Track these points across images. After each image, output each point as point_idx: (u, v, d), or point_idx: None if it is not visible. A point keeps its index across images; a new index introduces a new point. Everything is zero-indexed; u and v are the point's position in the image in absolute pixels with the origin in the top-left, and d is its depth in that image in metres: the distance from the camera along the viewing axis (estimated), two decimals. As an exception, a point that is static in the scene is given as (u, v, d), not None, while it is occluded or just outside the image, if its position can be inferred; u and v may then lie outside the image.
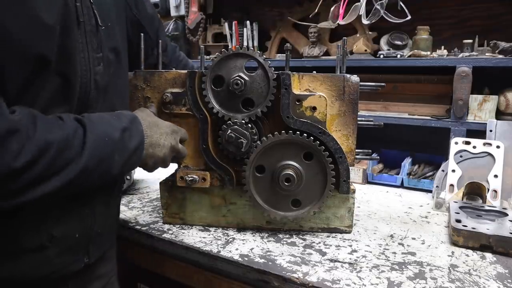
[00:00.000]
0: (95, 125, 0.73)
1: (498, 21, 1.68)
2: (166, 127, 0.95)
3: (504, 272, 0.92)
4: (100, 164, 0.73)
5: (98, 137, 0.72)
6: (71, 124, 0.70)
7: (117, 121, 0.79)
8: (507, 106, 1.51)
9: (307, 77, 1.06)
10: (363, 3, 1.53)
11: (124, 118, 0.81)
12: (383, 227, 1.19)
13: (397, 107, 1.75)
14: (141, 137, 0.84)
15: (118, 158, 0.77)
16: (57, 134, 0.66)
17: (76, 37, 0.74)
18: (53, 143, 0.65)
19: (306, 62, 1.86)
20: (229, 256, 0.99)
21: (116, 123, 0.78)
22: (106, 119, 0.77)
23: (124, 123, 0.79)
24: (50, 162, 0.65)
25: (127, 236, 1.18)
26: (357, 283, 0.87)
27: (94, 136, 0.72)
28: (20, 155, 0.60)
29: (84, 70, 0.76)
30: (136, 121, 0.84)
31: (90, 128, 0.72)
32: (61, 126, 0.68)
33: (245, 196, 1.09)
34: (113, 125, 0.77)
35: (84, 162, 0.69)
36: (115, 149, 0.76)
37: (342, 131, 1.07)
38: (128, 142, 0.79)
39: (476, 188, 1.30)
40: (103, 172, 0.75)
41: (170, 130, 0.96)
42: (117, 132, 0.76)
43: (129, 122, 0.81)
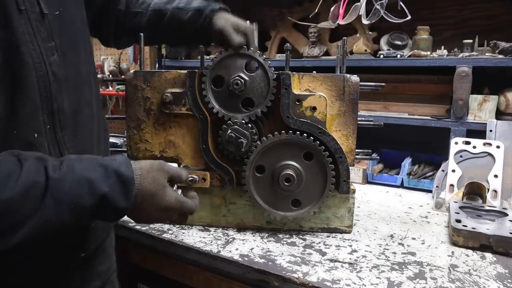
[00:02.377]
0: (65, 184, 0.62)
1: (498, 21, 1.68)
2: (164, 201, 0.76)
3: (504, 272, 0.92)
4: (57, 228, 0.64)
5: (62, 202, 0.62)
6: (25, 182, 0.59)
7: (101, 181, 0.66)
8: (507, 106, 1.51)
9: (307, 77, 1.06)
10: (363, 3, 1.53)
11: (115, 177, 0.68)
12: (383, 227, 1.19)
13: (397, 107, 1.75)
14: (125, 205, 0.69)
15: (87, 220, 0.68)
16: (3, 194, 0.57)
17: (18, 27, 0.67)
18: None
19: (306, 62, 1.86)
20: (229, 256, 0.99)
21: (99, 183, 0.65)
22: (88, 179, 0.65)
23: (108, 186, 0.66)
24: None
25: (127, 236, 1.18)
26: (357, 283, 0.87)
27: (56, 200, 0.61)
28: None
29: (38, 63, 0.70)
30: (130, 186, 0.69)
31: (54, 190, 0.61)
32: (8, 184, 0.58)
33: (245, 196, 1.09)
34: (93, 188, 0.65)
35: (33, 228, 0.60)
36: (83, 214, 0.65)
37: (342, 131, 1.07)
38: (103, 207, 0.66)
39: (476, 188, 1.30)
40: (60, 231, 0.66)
41: (166, 206, 0.77)
42: (94, 196, 0.65)
43: (119, 183, 0.68)
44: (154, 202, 0.75)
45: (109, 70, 2.74)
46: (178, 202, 0.79)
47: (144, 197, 0.73)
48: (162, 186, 0.76)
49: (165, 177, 0.78)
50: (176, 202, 0.79)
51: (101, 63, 2.84)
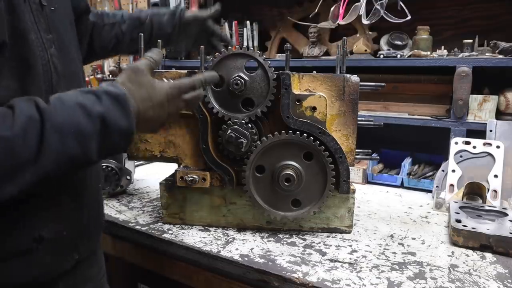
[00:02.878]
0: (59, 113, 0.60)
1: (498, 21, 1.68)
2: (161, 96, 0.76)
3: (504, 272, 0.92)
4: (69, 162, 0.62)
5: (61, 130, 0.60)
6: (22, 120, 0.57)
7: (95, 104, 0.64)
8: (507, 106, 1.51)
9: (307, 77, 1.06)
10: (363, 3, 1.53)
11: (106, 98, 0.66)
12: (383, 227, 1.19)
13: (397, 107, 1.75)
14: (129, 121, 0.67)
15: (97, 148, 0.64)
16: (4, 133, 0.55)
17: (25, 15, 0.67)
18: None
19: (306, 62, 1.86)
20: (229, 256, 0.99)
21: (93, 107, 0.63)
22: (79, 103, 0.63)
23: (104, 106, 0.64)
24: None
25: (127, 236, 1.18)
26: (357, 283, 0.87)
27: (55, 131, 0.59)
28: None
29: (41, 51, 0.70)
30: (124, 100, 0.67)
31: (50, 120, 0.59)
32: (6, 125, 0.56)
33: (245, 196, 1.09)
34: (88, 111, 0.63)
35: (43, 167, 0.59)
36: (89, 141, 0.63)
37: (342, 131, 1.07)
38: (110, 128, 0.65)
39: (476, 188, 1.30)
40: (76, 167, 0.65)
41: (166, 98, 0.77)
42: (93, 119, 0.63)
43: (113, 103, 0.66)
44: (153, 103, 0.74)
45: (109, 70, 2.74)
46: (173, 86, 0.78)
47: (143, 104, 0.72)
48: (150, 84, 0.75)
49: (146, 74, 0.76)
50: (171, 87, 0.78)
51: (101, 63, 2.84)
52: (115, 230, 1.20)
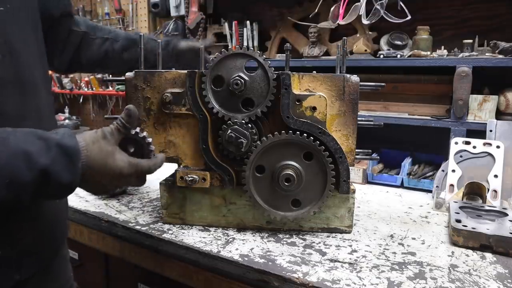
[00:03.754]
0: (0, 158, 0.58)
1: (498, 21, 1.68)
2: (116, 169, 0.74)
3: (504, 272, 0.92)
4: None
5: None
6: None
7: (42, 154, 0.62)
8: (507, 106, 1.51)
9: (307, 77, 1.06)
10: (363, 3, 1.53)
11: (56, 150, 0.63)
12: (383, 227, 1.19)
13: (397, 107, 1.75)
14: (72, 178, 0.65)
15: (30, 197, 0.63)
16: None
17: None
18: None
19: (306, 62, 1.86)
20: (229, 256, 0.99)
21: (38, 156, 0.61)
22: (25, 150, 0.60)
23: (49, 158, 0.62)
24: None
25: (127, 236, 1.18)
26: (357, 283, 0.87)
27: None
28: None
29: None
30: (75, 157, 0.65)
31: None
32: None
33: (245, 196, 1.09)
34: (32, 160, 0.60)
35: None
36: (21, 189, 0.60)
37: (342, 131, 1.07)
38: (46, 183, 0.62)
39: (476, 188, 1.30)
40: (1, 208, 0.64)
41: (119, 173, 0.75)
42: (33, 171, 0.60)
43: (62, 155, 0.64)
44: (106, 171, 0.72)
45: (109, 70, 2.74)
46: (131, 165, 0.76)
47: (94, 168, 0.69)
48: (111, 154, 0.73)
49: (112, 143, 0.75)
50: (129, 166, 0.76)
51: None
52: (115, 230, 1.20)
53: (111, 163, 0.72)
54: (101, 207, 1.32)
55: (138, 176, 0.80)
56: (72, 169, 0.65)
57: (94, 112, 2.99)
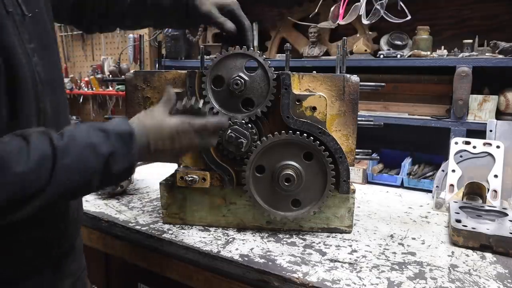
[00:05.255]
0: (71, 154, 0.66)
1: (498, 21, 1.68)
2: (171, 129, 0.80)
3: (504, 272, 0.92)
4: (71, 194, 0.69)
5: (70, 169, 0.65)
6: (36, 154, 0.62)
7: (104, 142, 0.70)
8: (507, 106, 1.51)
9: (307, 77, 1.06)
10: (363, 3, 1.53)
11: (115, 136, 0.71)
12: (383, 227, 1.19)
13: (397, 107, 1.75)
14: (131, 160, 0.73)
15: (98, 182, 0.71)
16: (10, 175, 0.60)
17: (9, 28, 0.68)
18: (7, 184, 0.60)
19: (306, 62, 1.86)
20: (229, 256, 0.99)
21: (100, 146, 0.69)
22: (90, 143, 0.69)
23: (111, 146, 0.70)
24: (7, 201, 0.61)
25: (127, 236, 1.18)
26: (357, 283, 0.87)
27: (65, 169, 0.65)
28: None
29: (26, 63, 0.72)
30: (130, 139, 0.73)
31: (62, 159, 0.64)
32: (21, 159, 0.61)
33: (245, 196, 1.09)
34: (96, 150, 0.68)
35: (48, 196, 0.64)
36: (92, 177, 0.69)
37: (342, 131, 1.07)
38: (112, 167, 0.70)
39: (476, 188, 1.30)
40: (77, 195, 0.74)
41: (176, 131, 0.81)
42: (99, 159, 0.68)
43: (120, 141, 0.72)
44: (162, 135, 0.78)
45: (109, 70, 2.74)
46: (184, 122, 0.82)
47: (150, 135, 0.77)
48: (163, 117, 0.81)
49: (162, 111, 0.82)
50: (182, 122, 0.81)
51: (101, 63, 2.84)
52: (115, 230, 1.20)
53: (165, 124, 0.80)
54: (101, 207, 1.32)
55: (197, 132, 0.83)
56: (130, 151, 0.73)
57: (94, 112, 2.99)
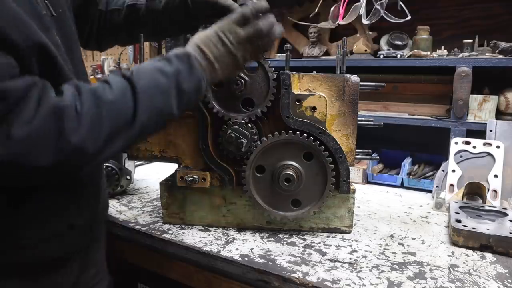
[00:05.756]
0: (143, 78, 0.72)
1: (498, 21, 1.68)
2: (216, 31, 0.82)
3: (504, 272, 0.92)
4: (157, 116, 0.74)
5: (148, 90, 0.71)
6: (117, 86, 0.69)
7: (168, 66, 0.76)
8: (507, 106, 1.51)
9: (307, 77, 1.06)
10: (363, 3, 1.53)
11: (175, 59, 0.77)
12: (383, 227, 1.19)
13: (397, 107, 1.75)
14: (198, 75, 0.78)
15: (176, 102, 0.75)
16: (106, 103, 0.66)
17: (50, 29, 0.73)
18: (103, 113, 0.66)
19: (306, 62, 1.86)
20: (229, 256, 0.99)
21: (166, 69, 0.75)
22: (155, 67, 0.75)
23: (175, 66, 0.76)
24: (108, 131, 0.66)
25: (127, 236, 1.18)
26: (357, 283, 0.87)
27: (144, 91, 0.71)
28: (76, 131, 0.62)
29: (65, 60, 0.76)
30: (190, 59, 0.78)
31: (138, 83, 0.71)
32: (107, 92, 0.68)
33: (245, 196, 1.09)
34: (163, 72, 0.74)
35: (141, 121, 0.70)
36: (169, 95, 0.74)
37: (342, 131, 1.07)
38: (183, 84, 0.76)
39: (476, 188, 1.30)
40: (162, 120, 0.77)
41: (221, 31, 0.83)
42: (169, 78, 0.74)
43: (181, 62, 0.77)
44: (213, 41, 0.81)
45: (109, 70, 2.74)
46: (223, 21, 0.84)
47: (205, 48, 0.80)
48: (207, 31, 0.83)
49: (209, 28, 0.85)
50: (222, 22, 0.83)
51: (101, 63, 2.84)
52: (115, 230, 1.20)
53: (210, 31, 0.83)
54: (101, 207, 1.32)
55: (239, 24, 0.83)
56: (192, 69, 0.77)
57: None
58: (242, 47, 0.84)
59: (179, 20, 1.07)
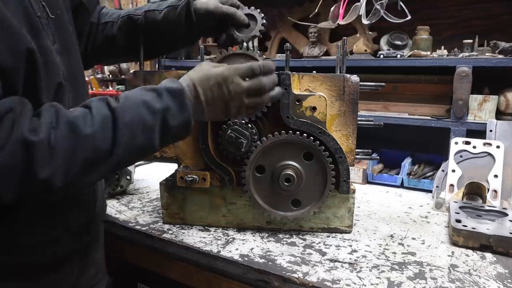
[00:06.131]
0: (128, 112, 0.69)
1: (498, 21, 1.68)
2: (217, 75, 0.81)
3: (504, 272, 0.92)
4: (137, 152, 0.72)
5: (130, 126, 0.69)
6: (99, 117, 0.67)
7: (157, 101, 0.73)
8: (507, 106, 1.51)
9: (307, 77, 1.06)
10: (363, 3, 1.53)
11: (166, 95, 0.74)
12: (383, 227, 1.19)
13: (397, 107, 1.75)
14: (189, 113, 0.76)
15: (159, 139, 0.73)
16: (82, 137, 0.64)
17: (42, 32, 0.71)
18: (78, 147, 0.63)
19: (306, 62, 1.86)
20: (229, 256, 0.99)
21: (154, 104, 0.72)
22: (143, 101, 0.72)
23: (164, 102, 0.73)
24: (82, 165, 0.64)
25: (127, 236, 1.18)
26: (357, 283, 0.87)
27: (126, 127, 0.68)
28: (46, 166, 0.60)
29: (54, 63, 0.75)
30: (182, 96, 0.76)
31: (121, 117, 0.68)
32: (87, 124, 0.65)
33: (245, 196, 1.09)
34: (151, 107, 0.71)
35: (118, 156, 0.68)
36: (153, 132, 0.72)
37: (342, 131, 1.07)
38: (169, 123, 0.73)
39: (476, 188, 1.30)
40: (142, 155, 0.75)
41: (222, 77, 0.82)
42: (155, 115, 0.72)
43: (172, 98, 0.74)
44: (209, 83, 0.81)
45: (109, 70, 2.75)
46: (229, 67, 0.83)
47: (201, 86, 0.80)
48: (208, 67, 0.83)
49: (208, 63, 0.85)
50: (228, 68, 0.83)
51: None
52: (115, 230, 1.20)
53: (211, 72, 0.82)
54: (101, 207, 1.32)
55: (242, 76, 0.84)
56: (183, 106, 0.75)
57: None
58: (238, 98, 0.84)
59: (180, 32, 1.03)
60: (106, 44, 1.07)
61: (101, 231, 1.06)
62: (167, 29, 1.03)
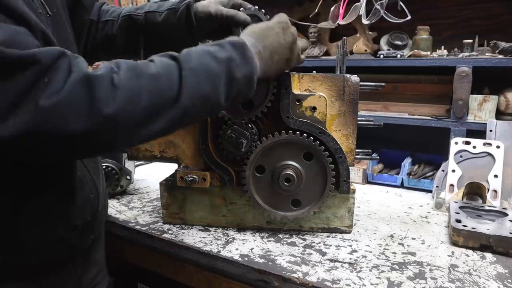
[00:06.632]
0: (192, 59, 0.68)
1: (498, 21, 1.68)
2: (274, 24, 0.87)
3: (504, 272, 0.92)
4: (203, 102, 0.69)
5: (196, 72, 0.67)
6: (163, 63, 0.65)
7: (221, 51, 0.72)
8: (507, 106, 1.51)
9: (307, 77, 1.06)
10: (363, 3, 1.53)
11: (229, 46, 0.74)
12: (383, 227, 1.19)
13: (397, 107, 1.75)
14: (252, 66, 0.75)
15: (225, 91, 0.71)
16: (147, 76, 0.62)
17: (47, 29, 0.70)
18: (143, 85, 0.61)
19: (306, 62, 1.85)
20: (229, 256, 0.99)
21: (218, 54, 0.71)
22: (206, 51, 0.71)
23: (228, 52, 0.72)
24: (147, 106, 0.62)
25: (127, 236, 1.18)
26: (357, 283, 0.87)
27: (191, 73, 0.66)
28: (110, 101, 0.58)
29: None
30: (244, 48, 0.75)
31: (185, 63, 0.67)
32: (151, 67, 0.64)
33: (245, 196, 1.09)
34: (215, 56, 0.70)
35: (184, 104, 0.65)
36: (218, 82, 0.70)
37: (342, 131, 1.07)
38: (235, 72, 0.72)
39: (476, 188, 1.30)
40: (208, 108, 0.72)
41: (278, 25, 0.88)
42: (220, 64, 0.70)
43: (235, 50, 0.73)
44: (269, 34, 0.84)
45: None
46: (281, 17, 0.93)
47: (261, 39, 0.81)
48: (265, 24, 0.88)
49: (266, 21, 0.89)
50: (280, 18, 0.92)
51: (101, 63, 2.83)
52: (115, 230, 1.20)
53: (268, 24, 0.87)
54: (101, 207, 1.32)
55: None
56: (246, 57, 0.75)
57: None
58: (295, 43, 0.89)
59: (180, 35, 1.02)
60: (106, 43, 1.06)
61: (103, 230, 1.06)
62: (167, 31, 1.02)
